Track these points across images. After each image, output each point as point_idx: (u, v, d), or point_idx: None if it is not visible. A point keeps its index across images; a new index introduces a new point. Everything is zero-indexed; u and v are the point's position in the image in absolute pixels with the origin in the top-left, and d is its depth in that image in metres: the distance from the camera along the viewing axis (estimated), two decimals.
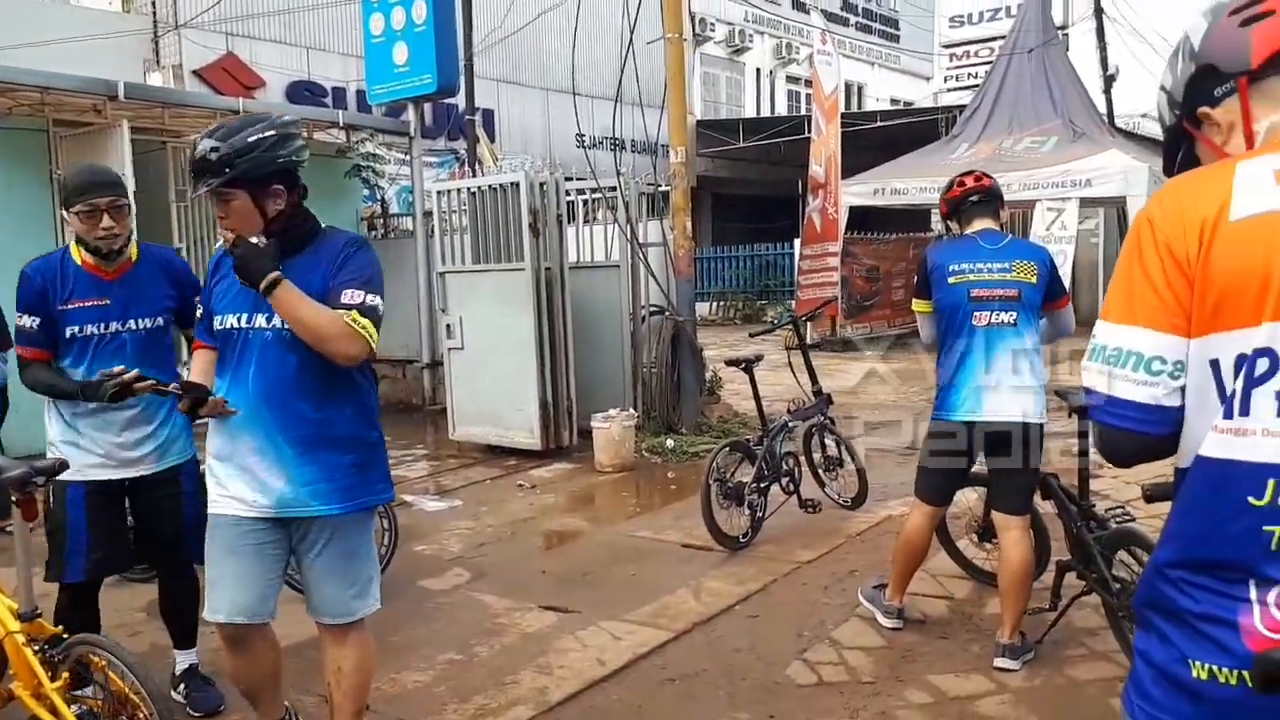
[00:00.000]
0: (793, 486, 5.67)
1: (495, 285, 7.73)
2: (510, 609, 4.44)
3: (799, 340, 6.05)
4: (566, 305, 7.77)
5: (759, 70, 26.39)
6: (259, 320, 2.58)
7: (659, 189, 8.68)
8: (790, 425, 5.69)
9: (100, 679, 2.69)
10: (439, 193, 8.31)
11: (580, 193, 8.71)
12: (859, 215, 14.93)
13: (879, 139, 17.66)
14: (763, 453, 5.39)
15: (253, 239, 2.52)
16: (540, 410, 7.54)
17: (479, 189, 7.94)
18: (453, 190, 8.32)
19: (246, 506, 2.63)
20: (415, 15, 9.58)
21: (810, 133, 14.58)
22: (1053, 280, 3.71)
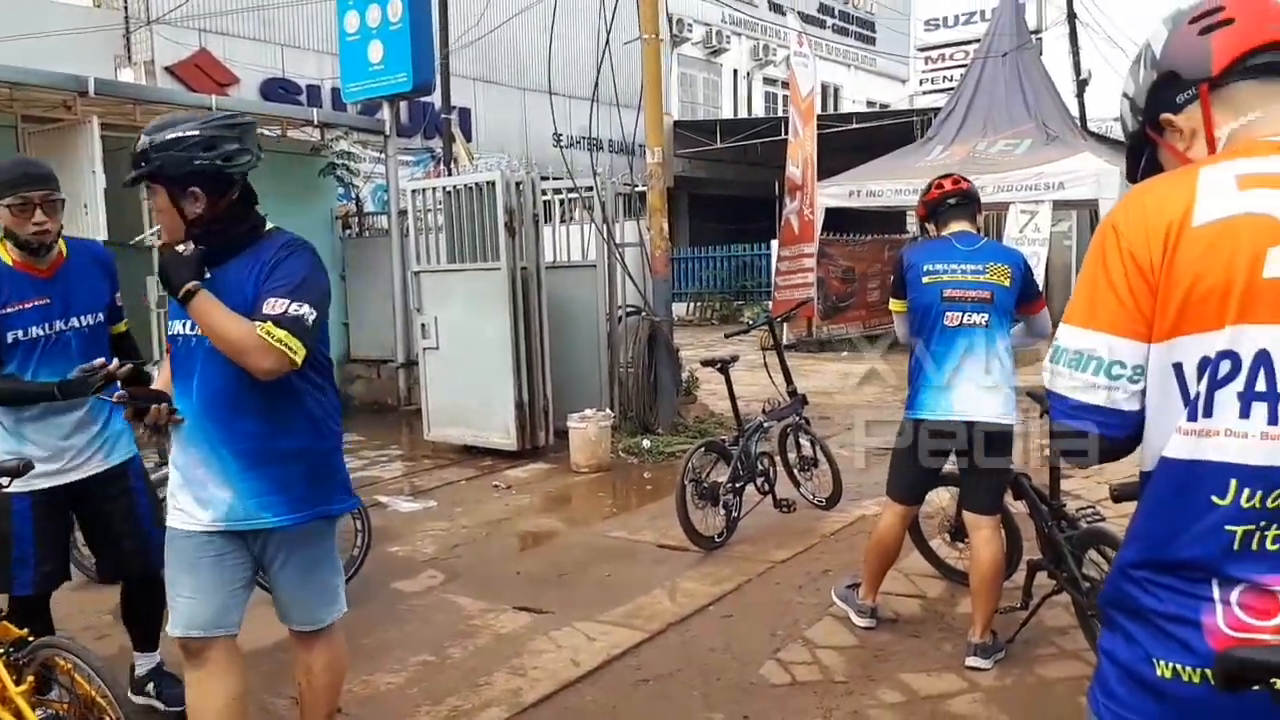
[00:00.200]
0: (768, 486, 5.68)
1: (471, 285, 7.70)
2: (484, 610, 4.42)
3: (774, 341, 6.07)
4: (543, 305, 7.75)
5: (736, 71, 26.45)
6: (182, 328, 2.50)
7: (636, 189, 8.68)
8: (765, 425, 5.71)
9: (66, 682, 2.65)
10: (414, 191, 8.26)
11: (557, 192, 8.69)
12: (835, 217, 15.00)
13: (855, 141, 17.74)
14: (738, 453, 5.40)
15: (179, 247, 2.41)
16: (516, 411, 7.51)
17: (454, 188, 7.91)
18: (428, 189, 8.28)
19: (196, 520, 2.53)
20: (391, 13, 9.53)
21: (787, 134, 14.63)
22: (1027, 284, 3.73)
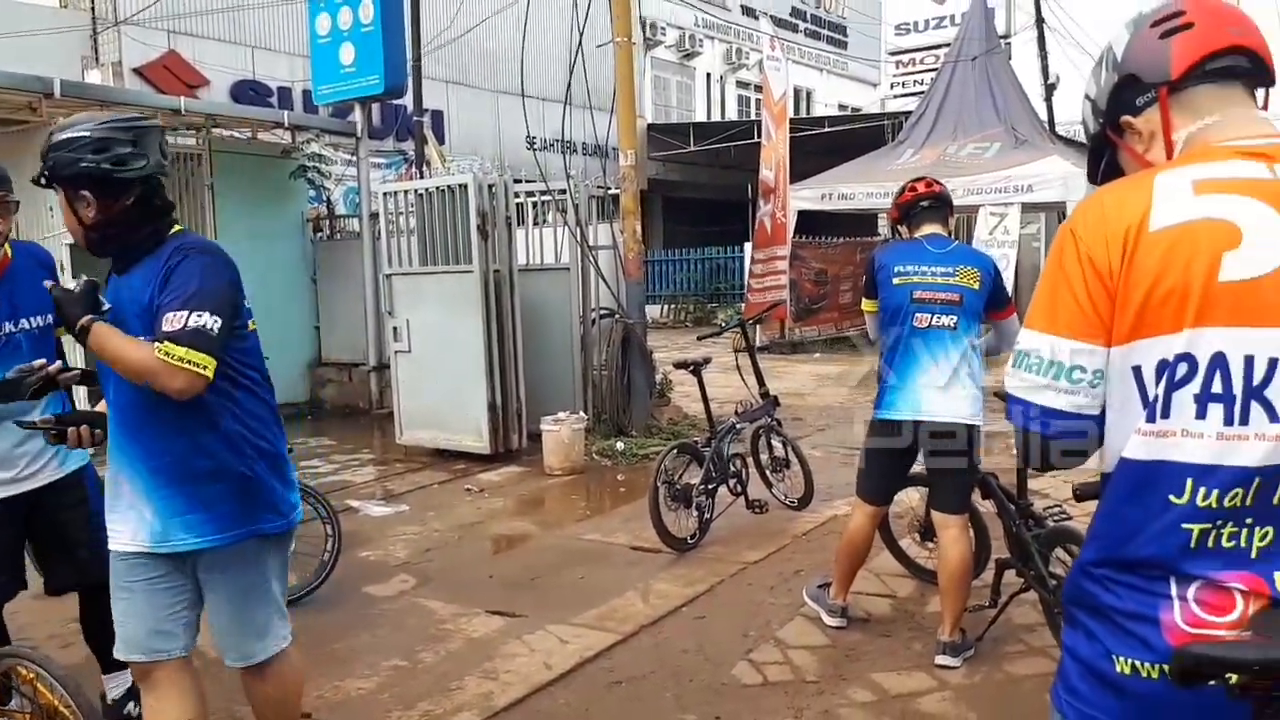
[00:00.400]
0: (740, 488, 5.70)
1: (443, 288, 7.67)
2: (456, 614, 4.40)
3: (746, 343, 6.09)
4: (515, 308, 7.73)
5: (709, 75, 26.54)
6: None
7: (609, 192, 8.69)
8: (738, 427, 5.73)
9: (28, 692, 2.61)
10: (385, 194, 8.22)
11: (530, 195, 8.69)
12: (807, 219, 15.08)
13: (827, 144, 17.85)
14: (710, 455, 5.41)
15: (70, 283, 2.34)
16: (489, 414, 7.49)
17: (426, 190, 7.87)
18: (400, 192, 8.24)
19: (124, 541, 2.46)
20: (362, 16, 9.48)
21: (760, 137, 14.69)
22: (997, 289, 3.76)
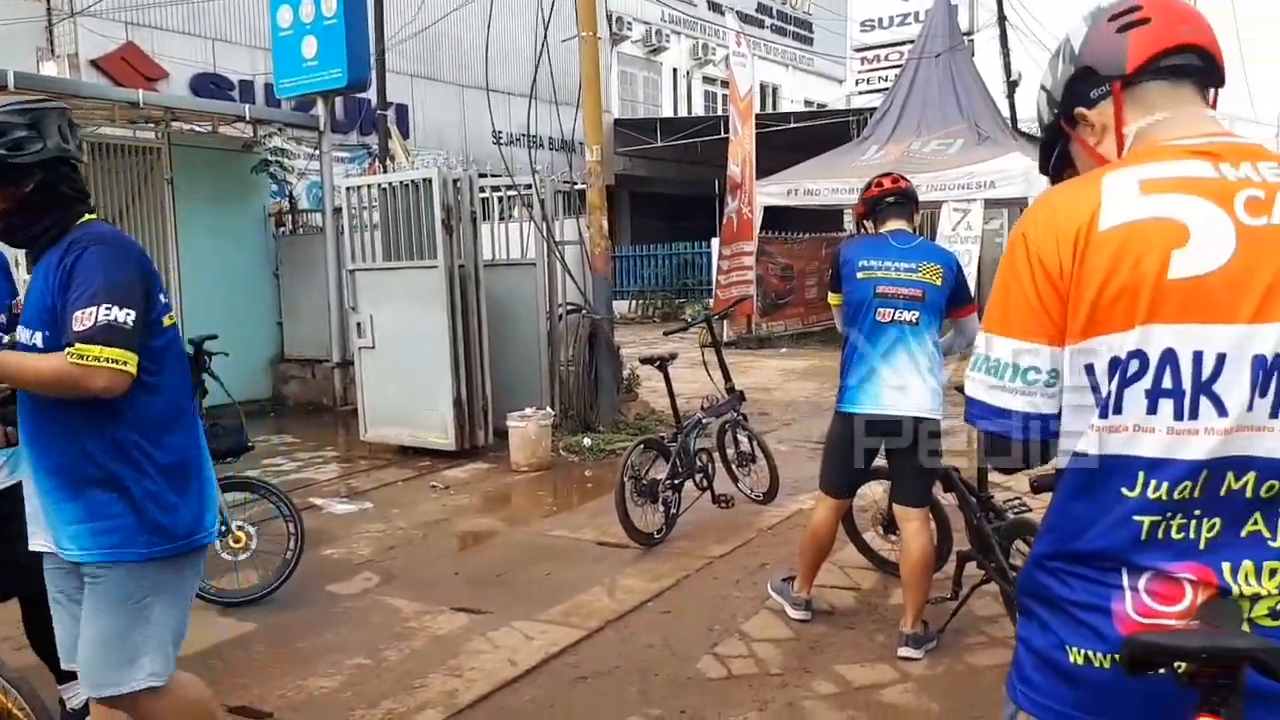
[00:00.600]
0: (706, 482, 5.72)
1: (407, 283, 7.61)
2: (421, 612, 4.38)
3: (712, 338, 6.11)
4: (481, 303, 7.69)
5: (676, 70, 26.54)
6: (23, 336, 2.33)
7: (575, 187, 8.66)
8: (704, 422, 5.74)
9: None
10: (349, 189, 8.14)
11: (495, 190, 8.65)
12: (774, 215, 15.15)
13: (793, 140, 17.92)
14: (676, 450, 5.42)
15: None
16: (454, 410, 7.45)
17: (390, 185, 7.81)
18: (363, 186, 8.16)
19: (40, 545, 2.41)
20: (325, 8, 9.36)
21: (727, 133, 14.73)
22: (959, 286, 3.80)
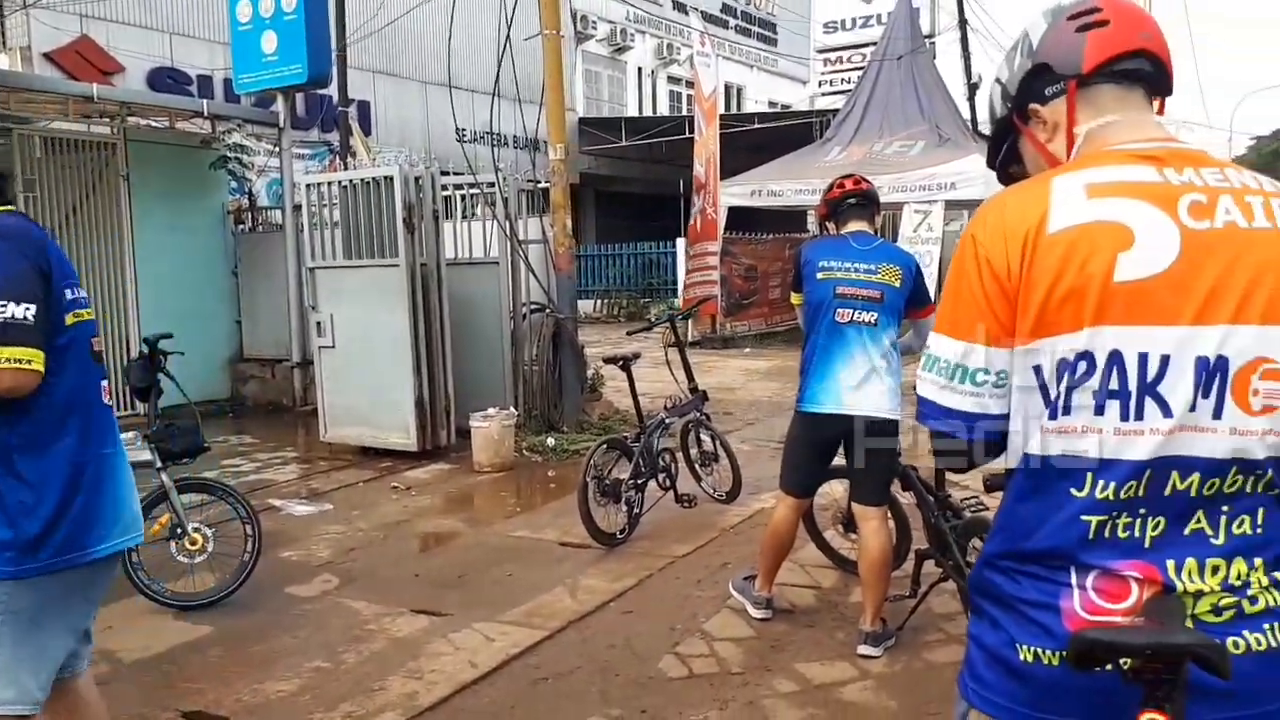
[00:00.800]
0: (669, 482, 5.73)
1: (368, 282, 7.53)
2: (380, 614, 4.34)
3: (675, 338, 6.12)
4: (443, 302, 7.63)
5: (641, 70, 26.55)
6: None
7: (539, 186, 8.63)
8: (667, 422, 5.75)
9: None
10: (309, 186, 8.04)
11: (458, 188, 8.59)
12: (739, 215, 15.20)
13: (757, 141, 18.00)
14: (640, 450, 5.42)
15: None
16: (416, 410, 7.39)
17: (351, 182, 7.72)
18: (324, 184, 8.07)
19: None
20: (285, 3, 9.23)
21: (692, 133, 14.76)
22: (917, 287, 3.84)
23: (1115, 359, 1.28)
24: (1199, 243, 1.28)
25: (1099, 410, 1.29)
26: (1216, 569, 1.29)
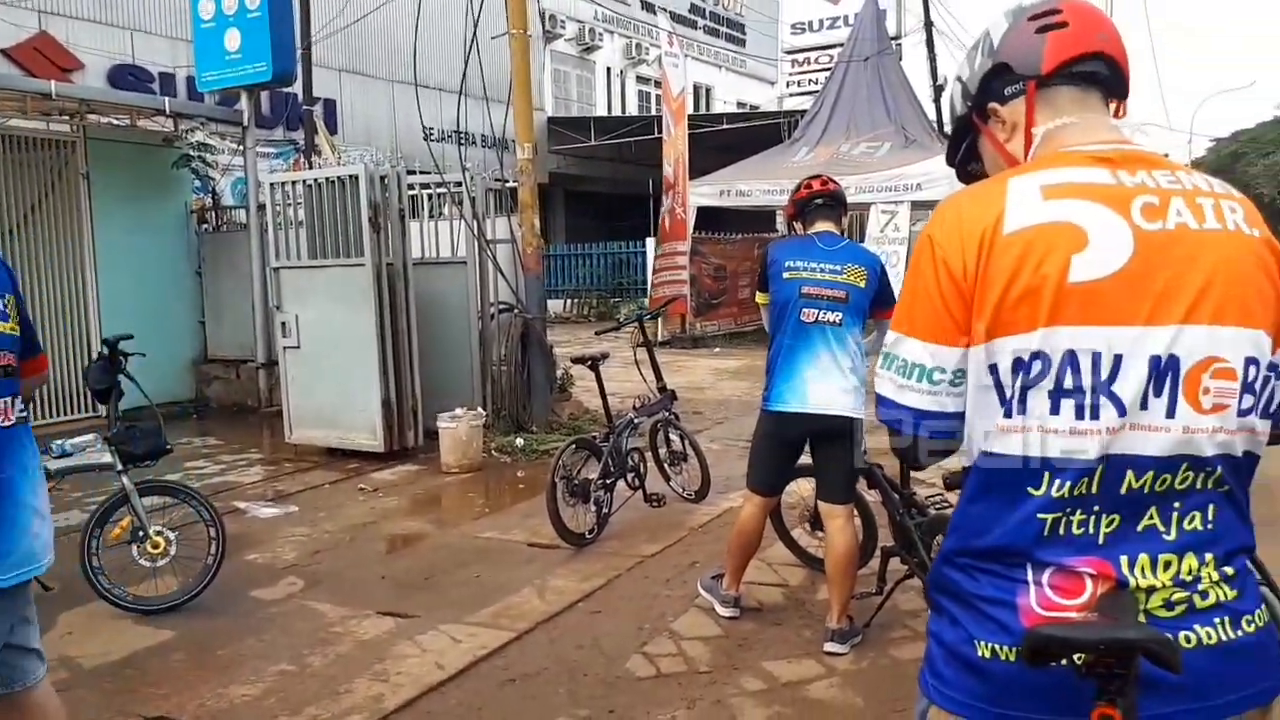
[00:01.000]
0: (638, 481, 5.74)
1: (333, 281, 7.47)
2: (346, 617, 4.30)
3: (644, 338, 6.12)
4: (410, 302, 7.59)
5: (610, 69, 26.53)
6: None
7: (507, 185, 8.60)
8: (636, 422, 5.75)
9: None
10: (273, 185, 7.96)
11: (425, 187, 8.54)
12: (708, 215, 15.24)
13: (726, 141, 18.05)
14: (608, 449, 5.42)
15: None
16: (383, 411, 7.33)
17: (316, 181, 7.65)
18: (288, 183, 7.99)
19: None
20: (248, 0, 9.15)
21: (661, 133, 14.77)
22: (882, 288, 3.87)
23: (1070, 359, 1.30)
24: (1152, 244, 1.30)
25: (1054, 409, 1.31)
26: (1168, 564, 1.31)
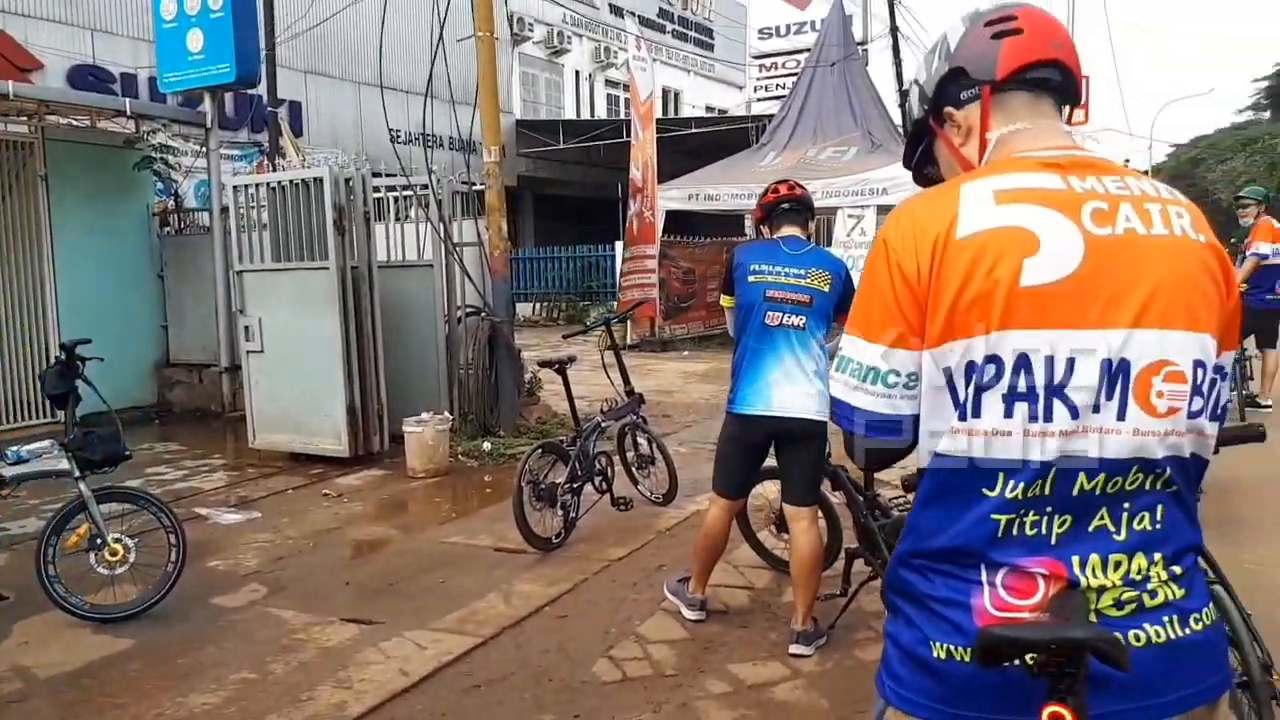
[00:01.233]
0: (605, 485, 5.73)
1: (297, 285, 7.40)
2: (309, 624, 4.26)
3: (611, 341, 6.12)
4: (375, 306, 7.53)
5: (578, 72, 26.52)
6: None
7: (474, 188, 8.57)
8: (603, 425, 5.75)
9: None
10: (236, 188, 7.87)
11: (391, 189, 8.48)
12: (677, 219, 15.26)
13: (695, 145, 18.12)
14: (576, 453, 5.41)
15: None
16: (347, 415, 7.27)
17: (280, 184, 7.58)
18: (252, 185, 7.91)
19: None
20: (211, 1, 9.04)
21: (630, 136, 14.78)
22: (846, 293, 3.88)
23: (1022, 362, 1.31)
24: (1101, 248, 1.32)
25: (1008, 412, 1.32)
26: (1118, 564, 1.32)
